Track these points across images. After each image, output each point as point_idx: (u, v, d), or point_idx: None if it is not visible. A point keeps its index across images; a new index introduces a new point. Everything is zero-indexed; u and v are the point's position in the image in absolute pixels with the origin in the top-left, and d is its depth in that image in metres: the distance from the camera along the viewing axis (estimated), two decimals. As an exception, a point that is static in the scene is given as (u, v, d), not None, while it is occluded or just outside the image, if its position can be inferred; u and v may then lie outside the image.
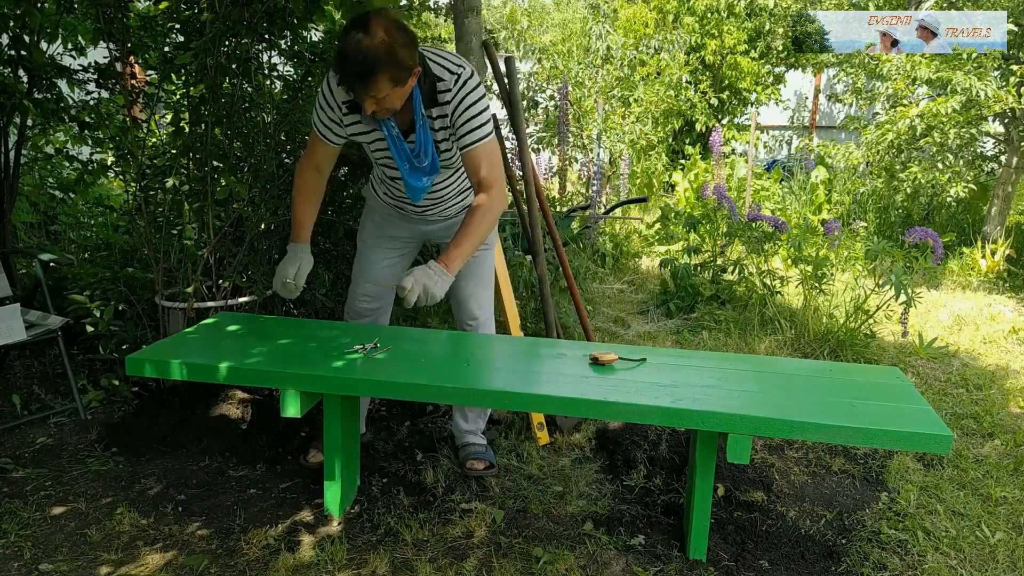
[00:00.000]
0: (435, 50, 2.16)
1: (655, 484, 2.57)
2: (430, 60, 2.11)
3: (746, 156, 8.08)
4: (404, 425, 2.96)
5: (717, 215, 5.02)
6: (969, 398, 3.35)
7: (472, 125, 2.13)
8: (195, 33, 2.88)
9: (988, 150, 6.61)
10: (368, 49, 1.89)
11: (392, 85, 1.97)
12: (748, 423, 1.85)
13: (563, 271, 3.31)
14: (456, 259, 2.09)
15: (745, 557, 2.17)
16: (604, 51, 8.23)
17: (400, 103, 2.05)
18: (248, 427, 2.90)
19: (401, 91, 2.01)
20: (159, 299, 3.03)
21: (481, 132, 2.14)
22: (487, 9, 10.50)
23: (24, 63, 3.21)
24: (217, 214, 3.00)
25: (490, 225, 2.17)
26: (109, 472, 2.59)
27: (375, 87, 1.95)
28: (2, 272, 3.09)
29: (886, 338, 4.13)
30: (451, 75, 2.11)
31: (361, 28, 1.91)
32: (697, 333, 4.19)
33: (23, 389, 3.18)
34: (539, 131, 7.08)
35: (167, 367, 2.12)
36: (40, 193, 4.28)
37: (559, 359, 2.27)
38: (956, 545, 2.24)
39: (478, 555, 2.16)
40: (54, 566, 2.07)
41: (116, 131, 3.14)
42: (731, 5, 9.19)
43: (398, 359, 2.18)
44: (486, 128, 2.15)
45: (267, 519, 2.32)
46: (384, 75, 1.93)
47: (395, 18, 1.97)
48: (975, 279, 5.54)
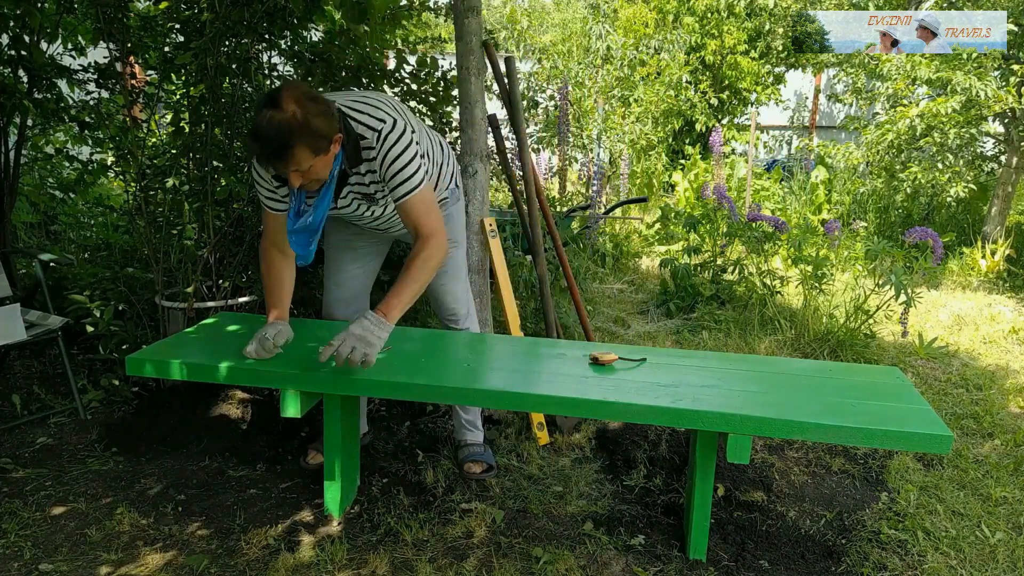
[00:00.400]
0: (356, 105, 2.09)
1: (655, 484, 2.57)
2: (351, 120, 2.06)
3: (746, 156, 8.08)
4: (404, 425, 2.96)
5: (717, 215, 5.02)
6: (969, 398, 3.35)
7: (400, 178, 2.08)
8: (195, 33, 2.88)
9: (988, 150, 6.61)
10: (280, 123, 1.84)
11: (313, 155, 1.92)
12: (748, 423, 1.85)
13: (563, 271, 3.31)
14: (395, 308, 2.03)
15: (745, 557, 2.17)
16: (604, 51, 8.23)
17: (327, 171, 2.01)
18: (248, 427, 2.90)
19: (325, 159, 1.97)
20: (159, 299, 3.03)
21: (411, 184, 2.09)
22: (487, 9, 10.49)
23: (24, 63, 3.21)
24: (217, 214, 3.00)
25: (431, 273, 2.12)
26: (109, 472, 2.59)
27: (294, 160, 1.90)
28: (2, 272, 3.09)
29: (886, 338, 4.13)
30: (372, 132, 2.05)
31: (271, 104, 1.87)
32: (697, 333, 4.19)
33: (23, 389, 3.18)
34: (539, 131, 7.09)
35: (167, 367, 2.12)
36: (40, 193, 4.28)
37: (559, 359, 2.27)
38: (956, 545, 2.24)
39: (478, 555, 2.16)
40: (54, 566, 2.07)
41: (116, 131, 3.14)
42: (731, 5, 9.20)
43: (398, 359, 2.18)
44: (416, 178, 2.09)
45: (267, 519, 2.32)
46: (301, 147, 1.88)
47: (306, 90, 1.93)
48: (975, 279, 5.54)
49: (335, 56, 3.36)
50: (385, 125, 2.06)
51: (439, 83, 3.58)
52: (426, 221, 2.12)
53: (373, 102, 2.12)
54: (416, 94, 3.61)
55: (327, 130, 1.92)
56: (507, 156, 3.21)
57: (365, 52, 3.43)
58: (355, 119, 2.07)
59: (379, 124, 2.06)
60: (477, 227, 2.96)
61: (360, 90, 2.30)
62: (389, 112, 2.10)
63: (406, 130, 2.09)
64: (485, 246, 2.99)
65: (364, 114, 2.08)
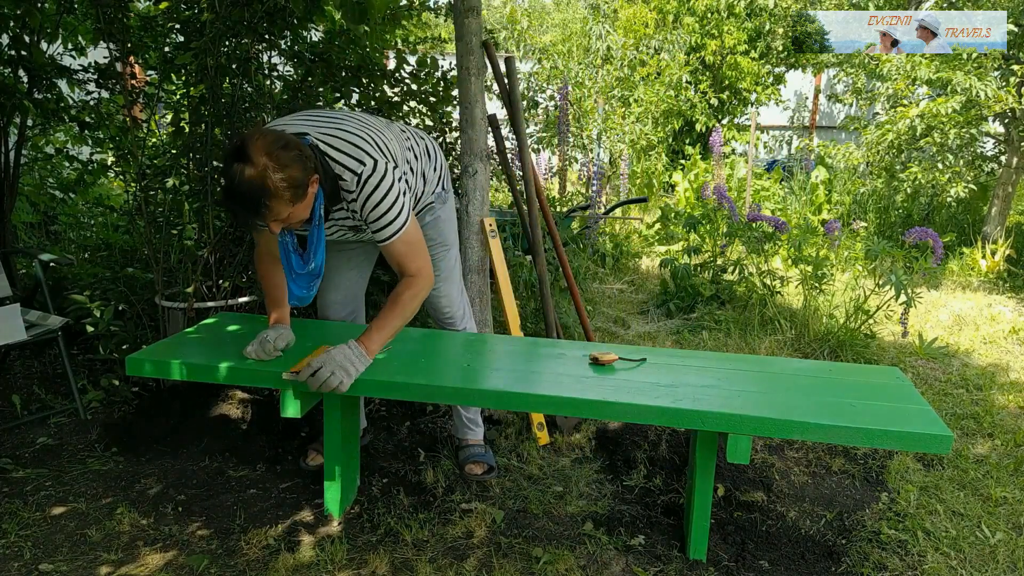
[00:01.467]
0: (334, 141, 2.00)
1: (655, 484, 2.57)
2: (331, 159, 1.98)
3: (746, 156, 8.08)
4: (404, 425, 2.96)
5: (717, 215, 5.03)
6: (969, 398, 3.35)
7: (382, 223, 2.01)
8: (195, 33, 2.88)
9: (988, 150, 6.61)
10: (252, 180, 1.76)
11: (291, 205, 1.84)
12: (748, 423, 1.85)
13: (563, 271, 3.31)
14: (376, 341, 2.02)
15: (745, 557, 2.17)
16: (604, 51, 8.23)
17: (307, 212, 1.93)
18: (248, 427, 2.90)
19: (304, 204, 1.89)
20: (159, 299, 3.03)
21: (393, 227, 2.02)
22: (487, 9, 10.50)
23: (24, 63, 3.21)
24: (217, 214, 3.00)
25: (415, 309, 2.10)
26: (109, 472, 2.59)
27: (272, 214, 1.83)
28: (2, 272, 3.09)
29: (886, 338, 4.13)
30: (352, 175, 1.98)
31: (240, 158, 1.77)
32: (697, 333, 4.19)
33: (23, 389, 3.18)
34: (539, 131, 7.09)
35: (167, 367, 2.12)
36: (40, 193, 4.28)
37: (559, 359, 2.27)
38: (956, 545, 2.24)
39: (478, 555, 2.16)
40: (54, 566, 2.07)
41: (116, 131, 3.14)
42: (731, 5, 9.20)
43: (398, 359, 2.18)
44: (398, 221, 2.03)
45: (267, 519, 2.32)
46: (277, 201, 1.80)
47: (276, 136, 1.83)
48: (975, 279, 5.54)
49: (335, 56, 3.36)
50: (365, 168, 1.98)
51: (439, 83, 3.59)
52: (410, 263, 2.09)
53: (352, 138, 2.02)
54: (416, 94, 3.61)
55: (302, 177, 1.84)
56: (507, 156, 3.21)
57: (365, 52, 3.43)
58: (333, 158, 1.98)
59: (359, 167, 1.98)
60: (477, 227, 2.96)
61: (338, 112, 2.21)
62: (369, 152, 2.00)
63: (387, 171, 2.00)
64: (485, 246, 2.99)
65: (343, 153, 1.99)
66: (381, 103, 3.52)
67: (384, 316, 2.06)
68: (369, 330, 2.04)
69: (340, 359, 1.96)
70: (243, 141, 1.80)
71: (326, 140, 2.00)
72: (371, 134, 2.07)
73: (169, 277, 3.12)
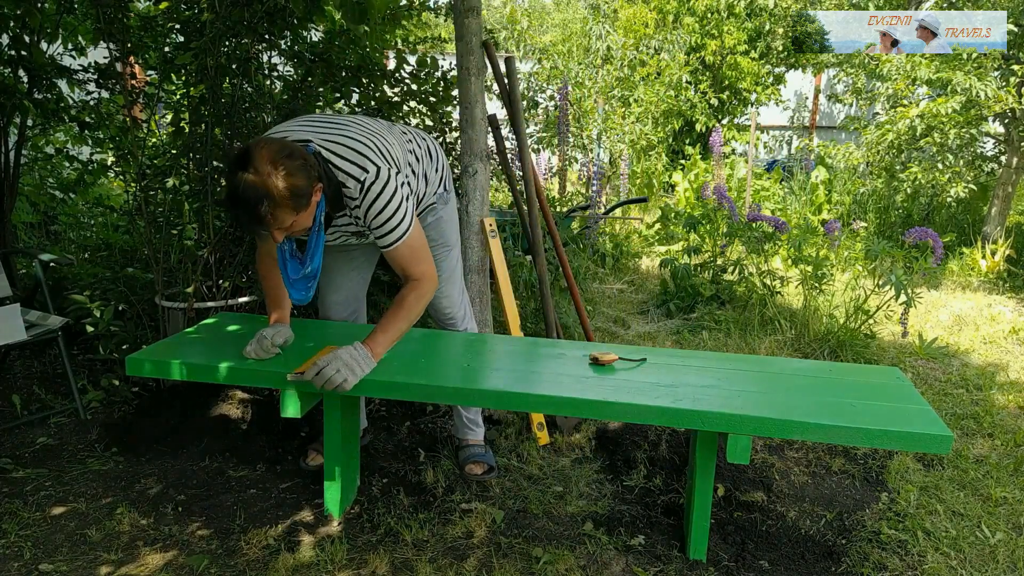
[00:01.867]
0: (338, 148, 2.00)
1: (655, 484, 2.57)
2: (334, 166, 1.98)
3: (746, 156, 8.09)
4: (404, 425, 2.96)
5: (717, 215, 5.03)
6: (969, 398, 3.35)
7: (385, 229, 2.02)
8: (195, 33, 2.88)
9: (988, 150, 6.61)
10: (256, 189, 1.76)
11: (295, 213, 1.85)
12: (748, 423, 1.85)
13: (563, 271, 3.31)
14: (381, 344, 2.02)
15: (745, 557, 2.17)
16: (604, 51, 8.23)
17: (311, 220, 1.95)
18: (248, 427, 2.90)
19: (307, 212, 1.90)
20: (159, 299, 3.03)
21: (396, 233, 2.03)
22: (487, 9, 10.50)
23: (24, 63, 3.21)
24: (217, 214, 3.00)
25: (420, 312, 2.11)
26: (109, 472, 2.59)
27: (275, 223, 1.85)
28: (2, 272, 3.09)
29: (886, 338, 4.13)
30: (355, 182, 1.98)
31: (244, 166, 1.77)
32: (697, 333, 4.19)
33: (23, 389, 3.18)
34: (539, 131, 7.09)
35: (167, 367, 2.12)
36: (40, 193, 4.29)
37: (559, 359, 2.27)
38: (956, 545, 2.24)
39: (478, 555, 2.16)
40: (54, 566, 2.07)
41: (116, 131, 3.14)
42: (731, 5, 9.20)
43: (398, 359, 2.18)
44: (402, 227, 2.03)
45: (267, 519, 2.32)
46: (281, 210, 1.81)
47: (280, 145, 1.84)
48: (975, 279, 5.54)
49: (335, 56, 3.36)
50: (368, 175, 1.98)
51: (439, 83, 3.59)
52: (415, 267, 2.09)
53: (355, 145, 2.02)
54: (416, 94, 3.61)
55: (306, 186, 1.85)
56: (507, 156, 3.21)
57: (365, 52, 3.43)
58: (336, 165, 1.99)
59: (362, 174, 1.98)
60: (477, 227, 2.96)
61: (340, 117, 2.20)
62: (372, 158, 2.00)
63: (390, 178, 2.00)
64: (485, 246, 2.99)
65: (346, 160, 1.99)
66: (381, 103, 3.52)
67: (389, 319, 2.06)
68: (374, 333, 2.04)
69: (347, 359, 1.96)
70: (247, 149, 1.81)
71: (329, 147, 2.00)
72: (374, 140, 2.07)
73: (169, 277, 3.12)
